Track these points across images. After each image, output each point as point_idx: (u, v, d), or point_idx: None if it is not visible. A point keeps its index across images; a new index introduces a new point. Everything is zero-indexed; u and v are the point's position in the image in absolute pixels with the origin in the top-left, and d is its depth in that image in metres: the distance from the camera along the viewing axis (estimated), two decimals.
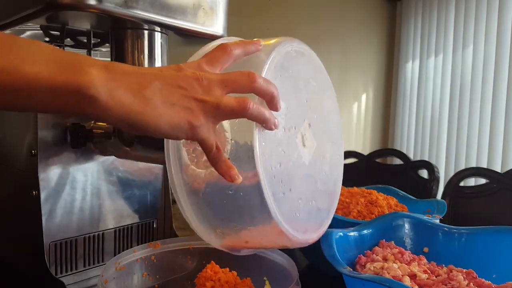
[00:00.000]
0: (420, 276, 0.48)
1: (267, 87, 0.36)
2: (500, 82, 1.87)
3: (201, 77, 0.34)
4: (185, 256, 0.60)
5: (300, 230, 0.42)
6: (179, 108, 0.33)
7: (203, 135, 0.34)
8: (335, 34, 2.49)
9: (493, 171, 1.31)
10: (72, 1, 0.53)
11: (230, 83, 0.35)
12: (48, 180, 0.58)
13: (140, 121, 0.32)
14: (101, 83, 0.30)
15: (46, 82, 0.29)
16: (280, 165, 0.39)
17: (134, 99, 0.31)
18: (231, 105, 0.34)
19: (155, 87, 0.32)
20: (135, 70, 0.33)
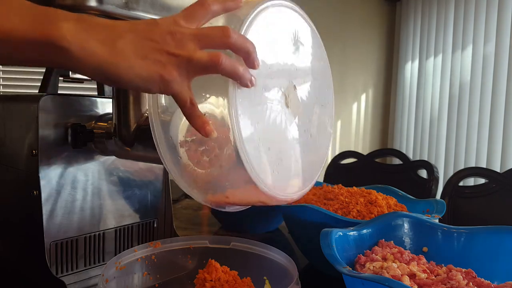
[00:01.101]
0: (419, 276, 0.48)
1: (242, 43, 0.35)
2: (499, 82, 1.87)
3: (175, 31, 0.34)
4: (185, 256, 0.60)
5: (279, 188, 0.42)
6: (151, 61, 0.33)
7: (176, 89, 0.35)
8: (335, 34, 2.49)
9: (492, 171, 1.31)
10: (72, 1, 0.53)
11: (204, 38, 0.34)
12: (48, 180, 0.58)
13: (112, 72, 0.32)
14: (72, 34, 0.31)
15: (21, 35, 0.30)
16: (258, 123, 0.39)
17: (105, 49, 0.32)
18: (203, 59, 0.34)
19: (127, 39, 0.33)
20: (107, 22, 0.33)
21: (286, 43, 0.44)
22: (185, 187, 0.43)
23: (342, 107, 2.57)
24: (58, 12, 0.32)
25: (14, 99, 0.68)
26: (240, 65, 0.35)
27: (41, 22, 0.31)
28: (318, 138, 0.49)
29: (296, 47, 0.45)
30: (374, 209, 0.72)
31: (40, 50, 0.31)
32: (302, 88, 0.45)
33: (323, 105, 0.50)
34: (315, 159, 0.50)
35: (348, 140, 2.62)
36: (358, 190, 0.80)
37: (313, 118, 0.48)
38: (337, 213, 0.72)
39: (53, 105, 0.59)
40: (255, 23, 0.38)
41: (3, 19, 0.30)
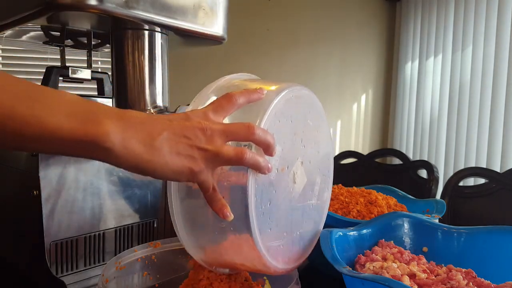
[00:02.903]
0: (419, 276, 0.48)
1: (264, 137, 0.40)
2: (499, 82, 1.87)
3: (205, 127, 0.37)
4: (185, 256, 0.60)
5: (283, 261, 0.47)
6: (183, 156, 0.37)
7: (202, 178, 0.38)
8: (334, 34, 2.49)
9: (492, 171, 1.31)
10: (72, 1, 0.53)
11: (231, 134, 0.39)
12: (48, 180, 0.58)
13: (148, 168, 0.36)
14: (116, 135, 0.33)
15: (66, 133, 0.32)
16: (269, 203, 0.44)
17: (144, 149, 0.35)
18: (229, 154, 0.38)
19: (164, 137, 0.36)
20: (146, 119, 0.36)
21: (298, 125, 0.49)
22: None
23: (342, 107, 2.57)
24: (100, 108, 0.34)
25: None
26: (261, 157, 0.40)
27: (85, 121, 0.32)
28: (317, 205, 0.55)
29: (305, 127, 0.50)
30: (374, 209, 0.72)
31: (83, 147, 0.33)
32: (307, 163, 0.50)
33: (324, 174, 0.56)
34: (315, 224, 0.55)
35: (348, 140, 2.62)
36: (358, 190, 0.80)
37: (315, 189, 0.53)
38: (337, 213, 0.72)
39: None
40: (274, 112, 0.43)
41: (49, 117, 0.31)
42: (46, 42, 0.78)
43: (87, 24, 0.68)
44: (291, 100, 0.47)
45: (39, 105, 0.31)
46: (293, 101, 0.47)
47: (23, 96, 0.31)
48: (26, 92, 0.32)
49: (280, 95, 0.44)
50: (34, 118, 0.31)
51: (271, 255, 0.44)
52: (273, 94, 0.44)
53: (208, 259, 0.47)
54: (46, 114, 0.31)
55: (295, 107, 0.48)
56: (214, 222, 0.43)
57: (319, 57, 2.46)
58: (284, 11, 2.37)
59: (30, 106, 0.31)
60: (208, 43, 0.74)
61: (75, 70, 0.73)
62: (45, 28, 0.72)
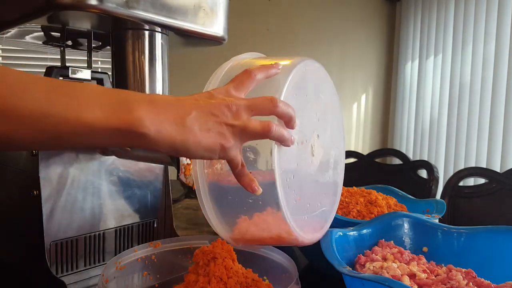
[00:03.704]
0: (419, 276, 0.48)
1: (286, 110, 0.41)
2: (499, 82, 1.87)
3: (231, 103, 0.38)
4: (185, 256, 0.60)
5: (308, 231, 0.48)
6: (214, 133, 0.37)
7: (232, 154, 0.39)
8: (334, 34, 2.49)
9: (492, 171, 1.31)
10: (72, 1, 0.53)
11: (255, 108, 0.39)
12: (48, 179, 0.58)
13: (183, 148, 0.36)
14: (150, 120, 0.34)
15: (103, 125, 0.33)
16: (293, 176, 0.45)
17: (177, 129, 0.36)
18: (256, 128, 0.39)
19: (193, 116, 0.37)
20: (175, 101, 0.37)
21: (312, 99, 0.50)
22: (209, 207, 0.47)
23: (342, 107, 2.56)
24: (130, 96, 0.35)
25: None
26: (285, 130, 0.41)
27: (119, 110, 0.33)
28: (334, 177, 0.56)
29: (319, 101, 0.52)
30: (374, 209, 0.72)
31: (121, 136, 0.34)
32: (322, 136, 0.51)
33: (337, 147, 0.57)
34: (333, 196, 0.57)
35: (348, 140, 2.62)
36: (358, 190, 0.80)
37: (330, 161, 0.55)
38: (337, 213, 0.72)
39: None
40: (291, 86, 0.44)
41: (84, 110, 0.32)
42: (46, 42, 0.78)
43: (87, 24, 0.68)
44: (305, 74, 0.48)
45: (72, 100, 0.32)
46: (306, 74, 0.48)
47: (56, 92, 0.32)
48: (57, 88, 0.32)
49: (295, 68, 0.45)
50: (70, 113, 0.31)
51: (298, 226, 0.45)
52: (288, 68, 0.45)
53: (236, 235, 0.48)
54: (81, 108, 0.32)
55: (309, 80, 0.49)
56: (243, 198, 0.44)
57: (319, 57, 2.46)
58: (284, 11, 2.37)
59: (65, 102, 0.31)
60: (208, 43, 0.74)
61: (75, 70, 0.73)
62: (45, 28, 0.72)
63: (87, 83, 0.34)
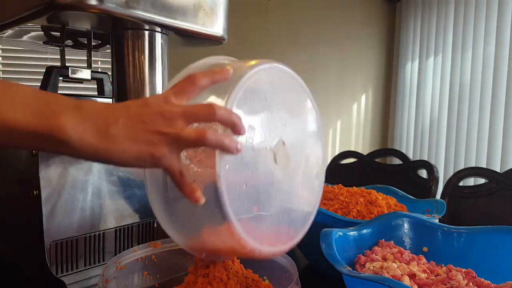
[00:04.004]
0: (419, 276, 0.48)
1: (227, 117, 0.38)
2: (499, 82, 1.87)
3: (165, 110, 0.37)
4: (185, 256, 0.60)
5: (270, 243, 0.45)
6: (142, 142, 0.36)
7: (166, 163, 0.38)
8: (334, 34, 2.49)
9: (492, 171, 1.31)
10: (72, 1, 0.53)
11: (192, 116, 0.37)
12: (49, 179, 0.58)
13: (107, 156, 0.36)
14: (72, 126, 0.34)
15: (23, 127, 0.33)
16: (245, 185, 0.42)
17: (100, 137, 0.35)
18: (190, 136, 0.37)
19: (120, 124, 0.36)
20: (103, 109, 0.36)
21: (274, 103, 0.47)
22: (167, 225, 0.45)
23: (342, 107, 2.57)
24: (58, 101, 0.35)
25: None
26: (226, 137, 0.38)
27: (42, 114, 0.33)
28: (309, 188, 0.52)
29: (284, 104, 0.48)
30: (374, 209, 0.72)
31: (40, 140, 0.34)
32: (290, 143, 0.48)
33: (313, 154, 0.53)
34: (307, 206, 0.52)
35: (348, 140, 2.62)
36: (358, 190, 0.80)
37: (303, 170, 0.51)
38: (337, 213, 0.72)
39: None
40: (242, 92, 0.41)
41: (6, 111, 0.32)
42: (46, 42, 0.78)
43: (87, 24, 0.68)
44: (264, 78, 0.45)
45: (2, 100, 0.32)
46: (265, 78, 0.46)
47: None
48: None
49: (249, 73, 0.42)
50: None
51: (255, 238, 0.43)
52: (241, 72, 0.42)
53: (195, 247, 0.47)
54: (8, 108, 0.32)
55: (269, 84, 0.46)
56: (190, 210, 0.42)
57: (319, 57, 2.46)
58: (284, 11, 2.37)
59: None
60: (208, 43, 0.74)
61: (75, 70, 0.73)
62: (45, 28, 0.72)
63: (22, 84, 0.35)
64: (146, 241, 0.71)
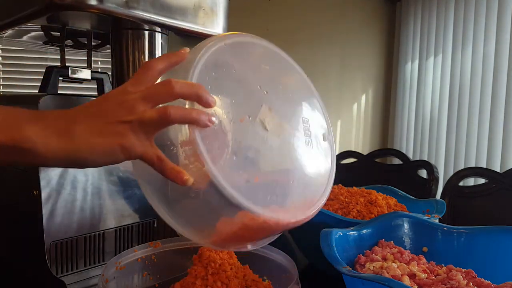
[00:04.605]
0: (419, 276, 0.48)
1: (188, 89, 0.37)
2: (499, 82, 1.87)
3: (123, 100, 0.36)
4: (185, 256, 0.60)
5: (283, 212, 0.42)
6: (107, 135, 0.35)
7: (139, 151, 0.36)
8: (335, 34, 2.49)
9: (492, 171, 1.31)
10: (72, 1, 0.53)
11: (152, 97, 0.36)
12: (48, 179, 0.58)
13: (78, 158, 0.35)
14: (35, 134, 0.33)
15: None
16: (235, 156, 0.40)
17: (66, 140, 0.34)
18: (153, 117, 0.35)
19: (81, 123, 0.35)
20: (63, 113, 0.36)
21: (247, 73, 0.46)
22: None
23: (342, 107, 2.57)
24: (18, 113, 0.35)
25: (14, 99, 0.68)
26: (192, 110, 0.37)
27: (6, 126, 0.33)
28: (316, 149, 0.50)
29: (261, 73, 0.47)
30: (374, 209, 0.72)
31: (7, 154, 0.33)
32: (279, 109, 0.46)
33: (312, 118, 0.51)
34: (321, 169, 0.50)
35: (348, 140, 2.62)
36: (358, 190, 0.80)
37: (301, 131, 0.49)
38: (337, 213, 0.72)
39: (53, 105, 0.59)
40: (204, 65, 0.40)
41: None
42: (46, 42, 0.78)
43: (87, 24, 0.68)
44: (227, 50, 0.44)
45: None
46: (230, 50, 0.45)
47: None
48: None
49: (207, 47, 0.41)
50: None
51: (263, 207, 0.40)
52: (198, 48, 0.41)
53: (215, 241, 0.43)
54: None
55: (236, 55, 0.46)
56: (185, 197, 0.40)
57: (319, 57, 2.46)
58: (284, 11, 2.37)
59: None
60: None
61: (75, 70, 0.73)
62: (45, 28, 0.72)
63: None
64: (146, 241, 0.71)
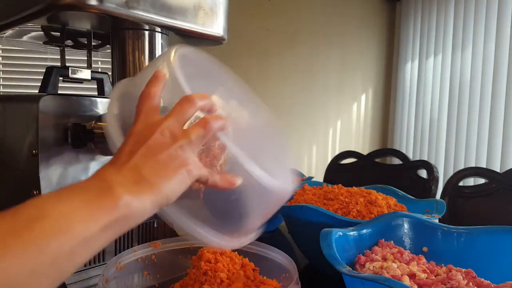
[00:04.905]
0: (419, 276, 0.49)
1: (203, 100, 0.39)
2: (499, 82, 1.87)
3: (160, 129, 0.36)
4: (185, 256, 0.60)
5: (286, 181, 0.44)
6: (172, 166, 0.35)
7: (197, 173, 0.37)
8: (334, 34, 2.49)
9: (492, 171, 1.31)
10: (73, 1, 0.53)
11: (181, 118, 0.37)
12: (49, 180, 0.58)
13: (163, 199, 0.35)
14: (125, 203, 0.32)
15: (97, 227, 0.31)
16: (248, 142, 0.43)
17: (147, 187, 0.34)
18: (199, 134, 0.37)
19: (145, 168, 0.34)
20: (116, 171, 0.34)
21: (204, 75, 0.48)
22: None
23: (342, 107, 2.57)
24: (108, 180, 0.34)
25: (14, 99, 0.68)
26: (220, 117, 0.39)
27: (99, 202, 0.32)
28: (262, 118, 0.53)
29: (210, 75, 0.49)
30: (374, 209, 0.72)
31: (109, 223, 0.32)
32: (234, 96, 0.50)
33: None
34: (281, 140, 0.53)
35: (348, 140, 2.62)
36: (358, 190, 0.80)
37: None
38: (337, 213, 0.72)
39: (53, 105, 0.59)
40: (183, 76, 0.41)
41: (81, 227, 0.30)
42: (46, 42, 0.78)
43: (87, 24, 0.68)
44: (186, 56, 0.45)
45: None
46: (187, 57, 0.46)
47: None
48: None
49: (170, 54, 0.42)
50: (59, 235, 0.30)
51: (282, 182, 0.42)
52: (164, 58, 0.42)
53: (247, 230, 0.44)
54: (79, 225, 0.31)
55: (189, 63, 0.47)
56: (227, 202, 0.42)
57: (319, 57, 2.46)
58: (284, 11, 2.37)
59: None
60: (208, 43, 0.74)
61: (75, 70, 0.73)
62: (45, 28, 0.72)
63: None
64: (146, 241, 0.71)
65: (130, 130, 0.38)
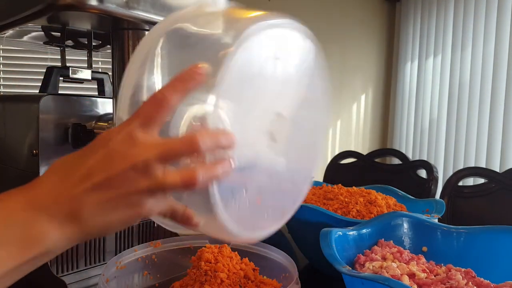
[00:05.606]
0: (419, 275, 0.49)
1: (215, 142, 0.31)
2: (498, 82, 1.87)
3: (135, 162, 0.29)
4: (185, 255, 0.60)
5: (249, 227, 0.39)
6: (122, 209, 0.30)
7: (156, 212, 0.32)
8: (334, 34, 2.50)
9: (491, 170, 1.31)
10: (73, 1, 0.53)
11: (171, 156, 0.30)
12: None
13: (95, 236, 0.31)
14: (48, 237, 0.29)
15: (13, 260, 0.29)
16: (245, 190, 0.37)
17: (78, 227, 0.30)
18: (176, 184, 0.30)
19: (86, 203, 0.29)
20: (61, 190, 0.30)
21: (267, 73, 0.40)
22: None
23: (342, 107, 2.57)
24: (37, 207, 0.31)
25: (14, 99, 0.68)
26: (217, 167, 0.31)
27: (20, 242, 0.29)
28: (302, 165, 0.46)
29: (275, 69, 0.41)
30: (374, 209, 0.72)
31: (28, 260, 0.29)
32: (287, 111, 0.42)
33: (316, 126, 0.48)
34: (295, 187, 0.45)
35: (348, 140, 2.62)
36: (358, 190, 0.80)
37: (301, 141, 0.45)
38: (337, 213, 0.72)
39: (54, 105, 0.60)
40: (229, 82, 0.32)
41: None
42: (46, 42, 0.78)
43: (88, 24, 0.68)
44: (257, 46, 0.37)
45: None
46: (264, 42, 0.38)
47: None
48: None
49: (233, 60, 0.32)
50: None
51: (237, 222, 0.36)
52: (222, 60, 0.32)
53: None
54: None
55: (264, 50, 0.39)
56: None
57: None
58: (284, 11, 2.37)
59: None
60: None
61: (75, 70, 0.73)
62: (46, 28, 0.72)
63: None
64: (146, 240, 0.71)
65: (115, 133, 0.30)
